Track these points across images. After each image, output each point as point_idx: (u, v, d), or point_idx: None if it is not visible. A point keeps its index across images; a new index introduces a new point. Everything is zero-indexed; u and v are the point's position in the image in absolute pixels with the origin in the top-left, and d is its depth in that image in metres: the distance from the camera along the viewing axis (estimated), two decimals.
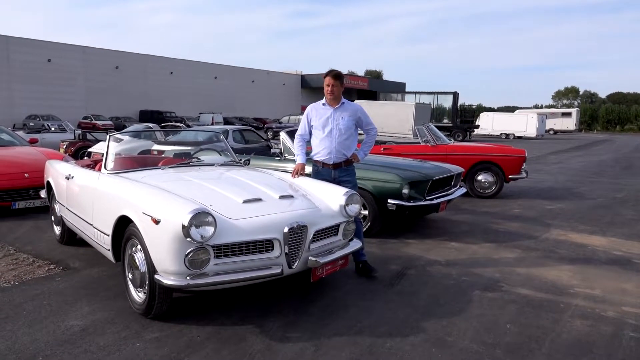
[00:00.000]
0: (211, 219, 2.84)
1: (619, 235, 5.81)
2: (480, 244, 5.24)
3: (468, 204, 7.60)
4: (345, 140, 4.10)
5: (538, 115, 36.97)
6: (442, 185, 5.77)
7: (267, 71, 52.88)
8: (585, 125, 67.01)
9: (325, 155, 4.11)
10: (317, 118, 4.13)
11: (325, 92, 4.10)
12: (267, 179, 3.95)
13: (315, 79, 53.80)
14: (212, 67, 46.87)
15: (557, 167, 14.41)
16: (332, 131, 4.07)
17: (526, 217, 6.80)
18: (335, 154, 4.09)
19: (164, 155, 5.80)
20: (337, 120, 4.07)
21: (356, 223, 4.06)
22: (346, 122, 4.08)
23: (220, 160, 4.65)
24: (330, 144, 4.08)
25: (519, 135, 35.57)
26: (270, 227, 3.06)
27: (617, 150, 24.01)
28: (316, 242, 3.33)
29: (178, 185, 3.48)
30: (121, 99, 38.30)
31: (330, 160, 4.10)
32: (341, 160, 4.12)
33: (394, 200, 5.13)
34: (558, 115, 49.85)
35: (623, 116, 70.50)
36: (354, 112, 4.16)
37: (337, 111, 4.09)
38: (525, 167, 8.62)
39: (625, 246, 5.28)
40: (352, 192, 3.64)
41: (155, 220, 2.91)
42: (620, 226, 6.31)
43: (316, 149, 4.17)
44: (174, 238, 2.82)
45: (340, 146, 4.09)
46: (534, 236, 5.66)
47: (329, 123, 4.08)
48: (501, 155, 8.42)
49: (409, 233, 5.65)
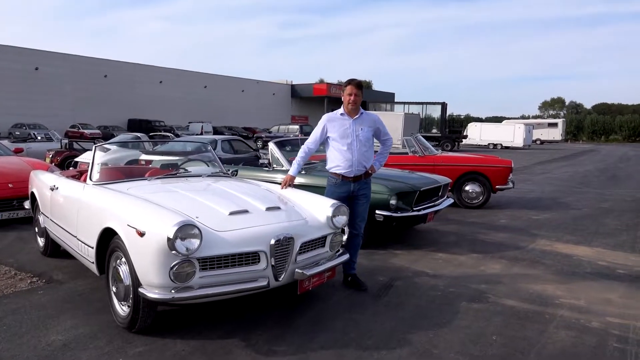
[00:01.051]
0: (197, 232, 2.82)
1: (604, 245, 5.88)
2: (467, 255, 5.26)
3: (455, 215, 7.64)
4: (366, 151, 3.99)
5: (525, 125, 37.45)
6: (429, 195, 5.80)
7: (257, 80, 53.03)
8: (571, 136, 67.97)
9: (346, 168, 3.96)
10: (335, 129, 3.97)
11: (346, 101, 3.95)
12: (254, 190, 3.94)
13: (305, 89, 54.08)
14: (202, 76, 46.88)
15: (543, 178, 14.58)
16: (353, 143, 3.93)
17: (513, 227, 6.86)
18: (356, 166, 3.96)
19: (152, 165, 5.77)
20: (357, 131, 3.94)
21: (357, 238, 4.08)
22: (366, 133, 3.98)
23: (207, 171, 4.63)
24: (351, 156, 3.94)
25: (506, 145, 35.95)
26: (256, 239, 3.05)
27: (602, 160, 24.37)
28: (303, 254, 3.32)
29: (164, 196, 3.46)
30: (109, 107, 38.09)
31: (352, 173, 3.97)
32: (361, 173, 4.00)
33: (381, 211, 5.14)
34: (544, 126, 50.56)
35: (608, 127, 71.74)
36: (373, 122, 4.06)
37: (356, 122, 3.96)
38: (512, 178, 8.71)
39: (610, 256, 5.34)
40: (338, 203, 3.64)
41: (140, 232, 2.88)
42: (605, 236, 6.39)
43: (335, 161, 4.00)
44: (159, 251, 2.79)
45: (362, 158, 3.97)
46: (520, 246, 5.70)
47: (348, 134, 3.93)
48: (488, 165, 8.50)
49: (397, 244, 5.66)
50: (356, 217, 4.06)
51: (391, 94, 59.99)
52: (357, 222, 4.07)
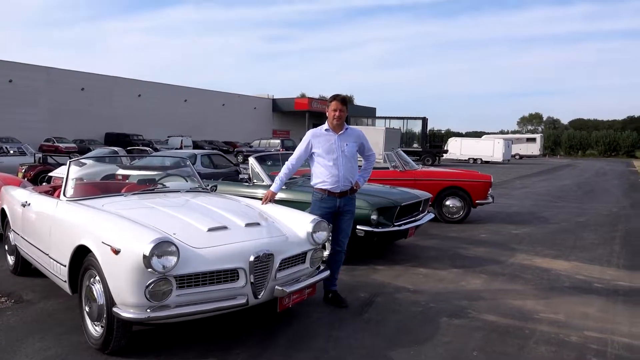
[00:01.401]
0: (174, 249, 2.79)
1: (581, 259, 5.99)
2: (448, 270, 5.30)
3: (436, 229, 7.71)
4: (351, 167, 4.02)
5: (504, 140, 38.24)
6: (410, 210, 5.84)
7: (238, 94, 52.98)
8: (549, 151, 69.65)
9: (332, 183, 3.96)
10: (320, 145, 3.98)
11: (330, 117, 3.98)
12: (234, 206, 3.91)
13: (286, 103, 54.20)
14: (182, 90, 46.64)
15: (522, 192, 14.84)
16: (339, 158, 3.95)
17: (493, 242, 6.94)
18: (342, 182, 3.97)
19: (128, 181, 5.71)
20: (342, 147, 3.97)
21: (339, 254, 4.08)
22: (351, 149, 4.01)
23: (186, 187, 4.60)
24: (337, 172, 3.95)
25: (486, 160, 36.59)
26: (235, 256, 3.02)
27: (579, 175, 24.97)
28: (283, 271, 3.30)
29: (140, 213, 3.41)
30: (86, 121, 37.51)
31: (338, 188, 3.97)
32: (347, 188, 4.01)
33: (362, 227, 5.15)
34: (523, 141, 51.74)
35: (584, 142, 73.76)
36: (358, 137, 4.09)
37: (341, 137, 3.99)
38: (492, 192, 8.85)
39: (587, 270, 5.45)
40: (319, 219, 3.64)
41: (115, 250, 2.83)
42: (582, 250, 6.52)
43: (321, 177, 4.00)
44: (135, 269, 2.74)
45: (348, 173, 3.98)
46: (500, 261, 5.77)
47: (333, 150, 3.96)
48: (468, 180, 8.62)
49: (378, 259, 5.67)
50: (339, 233, 4.06)
51: (372, 108, 60.56)
52: (340, 238, 4.08)
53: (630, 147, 68.63)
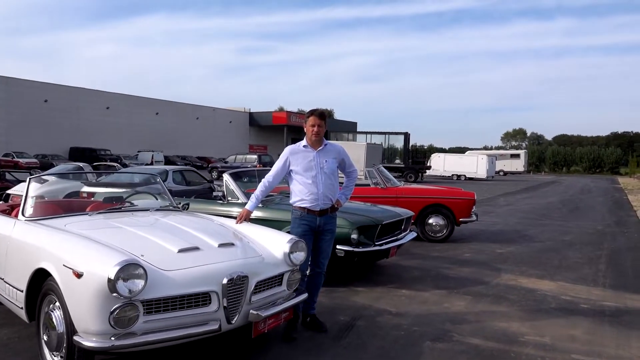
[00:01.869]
0: (141, 271, 2.74)
1: (566, 279, 6.10)
2: (431, 291, 5.33)
3: (419, 249, 7.76)
4: (331, 184, 4.01)
5: (488, 156, 38.93)
6: (392, 229, 5.87)
7: (213, 108, 52.87)
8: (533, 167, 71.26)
9: (312, 201, 3.94)
10: (298, 162, 3.98)
11: (309, 133, 3.99)
12: (207, 226, 3.88)
13: (264, 117, 54.32)
14: (154, 102, 46.32)
15: (506, 210, 15.09)
16: (318, 175, 3.95)
17: (477, 261, 7.02)
18: (322, 200, 3.96)
19: (94, 199, 5.60)
20: (322, 163, 3.97)
21: (319, 276, 4.06)
22: (331, 165, 4.01)
23: (156, 205, 4.55)
24: (317, 190, 3.94)
25: (470, 177, 37.14)
26: (207, 279, 2.98)
27: (564, 192, 25.56)
28: (258, 294, 3.27)
29: (106, 233, 3.36)
30: (49, 134, 36.82)
31: (317, 207, 3.95)
32: (327, 207, 4.00)
33: (342, 246, 5.15)
34: (507, 157, 52.83)
35: (569, 158, 75.76)
36: (338, 153, 4.10)
37: (320, 154, 3.99)
38: (476, 210, 8.97)
39: (573, 291, 5.54)
40: (296, 239, 3.63)
41: (77, 273, 2.77)
42: (568, 270, 6.64)
43: (299, 195, 3.99)
44: (98, 293, 2.68)
45: (327, 191, 3.97)
46: (484, 282, 5.83)
47: (312, 167, 3.96)
48: (451, 198, 8.73)
49: (358, 281, 5.66)
50: (320, 254, 4.05)
51: (353, 123, 61.13)
52: (320, 259, 4.06)
53: (615, 164, 70.79)
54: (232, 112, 55.10)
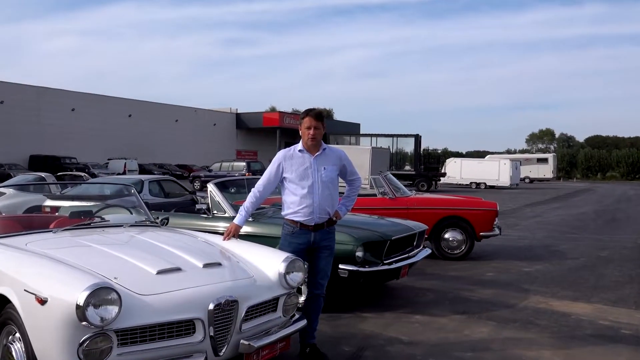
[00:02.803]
0: (115, 296, 2.74)
1: (604, 301, 6.10)
2: (449, 317, 5.33)
3: (434, 268, 7.76)
4: (330, 195, 4.01)
5: (511, 161, 39.07)
6: (402, 245, 5.88)
7: (194, 108, 53.03)
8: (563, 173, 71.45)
9: (306, 215, 3.95)
10: (293, 169, 3.99)
11: (304, 136, 3.99)
12: (190, 243, 3.90)
13: (253, 119, 54.48)
14: (126, 103, 46.44)
15: (534, 222, 15.12)
16: (314, 185, 3.96)
17: (501, 281, 7.03)
18: (318, 213, 3.97)
19: (59, 214, 5.61)
20: (319, 170, 3.98)
21: (318, 299, 4.07)
22: (330, 173, 4.01)
23: (130, 220, 4.58)
24: (312, 201, 3.94)
25: (491, 184, 37.24)
26: (191, 304, 2.99)
27: (599, 201, 25.62)
28: (250, 321, 3.28)
29: (74, 253, 3.37)
30: (6, 141, 36.79)
31: (312, 221, 3.96)
32: (324, 221, 4.01)
33: (345, 266, 5.14)
34: (533, 162, 52.96)
35: (604, 162, 75.92)
36: (339, 159, 4.11)
37: (317, 160, 4.00)
38: (498, 223, 8.98)
39: (613, 314, 5.54)
40: (293, 257, 3.64)
41: (40, 299, 2.77)
42: (606, 290, 6.64)
43: (292, 207, 4.00)
44: (65, 322, 2.68)
45: (325, 202, 3.98)
46: (510, 305, 5.83)
47: (308, 175, 3.96)
48: (470, 209, 8.75)
49: (365, 305, 5.66)
50: (317, 274, 4.06)
51: (356, 124, 61.37)
52: (318, 279, 4.07)
53: None
54: (217, 113, 55.26)
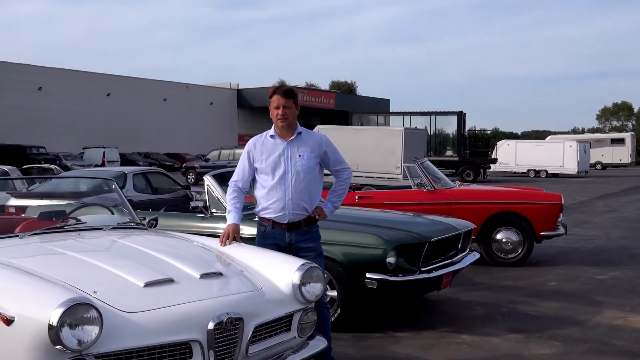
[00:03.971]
0: (94, 314, 2.76)
1: None
2: (503, 336, 5.31)
3: (483, 276, 7.72)
4: (306, 187, 4.12)
5: (579, 143, 38.58)
6: (444, 249, 5.86)
7: (186, 84, 53.38)
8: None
9: (277, 211, 4.09)
10: (263, 157, 4.14)
11: (274, 117, 4.12)
12: (184, 249, 3.91)
13: (257, 95, 54.61)
14: (104, 79, 46.90)
15: (608, 218, 14.97)
16: (286, 175, 4.09)
17: (567, 292, 6.97)
18: (291, 209, 4.08)
19: (25, 215, 5.67)
20: (293, 158, 4.10)
21: (321, 311, 4.06)
22: (306, 161, 4.12)
23: (111, 222, 4.61)
24: (283, 194, 4.07)
25: (553, 172, 36.89)
26: (186, 323, 3.00)
27: None
28: (258, 343, 3.28)
29: (44, 262, 3.41)
30: None
31: (285, 218, 4.10)
32: (300, 218, 4.12)
33: (374, 274, 5.14)
34: (606, 143, 52.26)
35: None
36: (317, 144, 4.21)
37: (292, 145, 4.13)
38: (563, 220, 8.91)
39: None
40: (310, 264, 3.65)
41: (5, 318, 2.80)
42: None
43: (263, 201, 4.16)
44: (36, 346, 2.71)
45: (299, 196, 4.09)
46: (579, 321, 5.79)
47: (280, 163, 4.10)
48: (528, 203, 8.68)
49: (399, 323, 5.67)
50: None
51: (385, 100, 61.21)
52: None
53: None
54: (214, 90, 55.56)
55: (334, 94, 63.09)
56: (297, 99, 4.18)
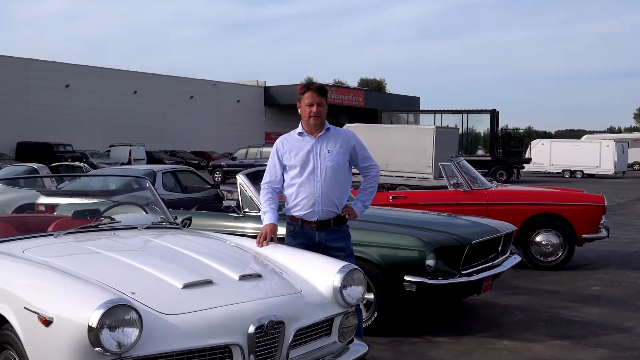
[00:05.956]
0: (134, 316, 2.77)
1: None
2: (546, 342, 5.26)
3: (523, 279, 7.66)
4: (336, 183, 4.13)
5: (616, 142, 38.09)
6: (485, 252, 5.81)
7: (213, 82, 53.76)
8: None
9: (306, 208, 4.10)
10: (291, 154, 4.17)
11: (304, 114, 4.16)
12: (220, 249, 3.92)
13: (285, 93, 54.77)
14: (130, 77, 47.43)
15: None
16: (316, 171, 4.10)
17: (611, 297, 6.88)
18: (320, 206, 4.09)
19: (57, 213, 5.73)
20: (322, 154, 4.12)
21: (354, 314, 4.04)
22: (336, 157, 4.13)
23: (145, 221, 4.64)
24: (312, 191, 4.09)
25: (589, 173, 36.49)
26: (226, 326, 3.01)
27: None
28: (298, 348, 3.28)
29: (81, 261, 3.43)
30: None
31: (314, 215, 4.10)
32: (330, 217, 4.13)
33: (412, 278, 5.11)
34: None
35: None
36: (346, 140, 4.23)
37: (320, 141, 4.15)
38: (605, 222, 8.77)
39: None
40: (351, 266, 3.63)
41: (44, 319, 2.82)
42: None
43: (292, 199, 4.18)
44: (75, 348, 2.73)
45: (329, 192, 4.10)
46: (625, 328, 5.71)
47: (309, 159, 4.12)
48: (570, 204, 8.56)
49: (437, 328, 5.64)
50: None
51: (415, 98, 61.04)
52: None
53: None
54: (241, 87, 55.86)
55: (362, 91, 63.11)
56: (327, 96, 4.23)
